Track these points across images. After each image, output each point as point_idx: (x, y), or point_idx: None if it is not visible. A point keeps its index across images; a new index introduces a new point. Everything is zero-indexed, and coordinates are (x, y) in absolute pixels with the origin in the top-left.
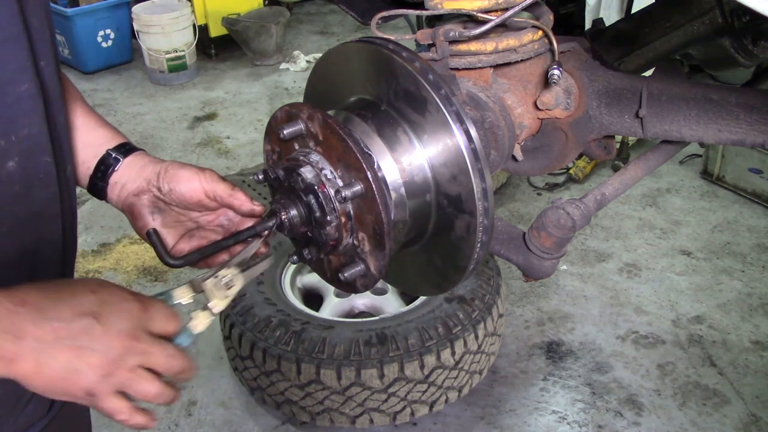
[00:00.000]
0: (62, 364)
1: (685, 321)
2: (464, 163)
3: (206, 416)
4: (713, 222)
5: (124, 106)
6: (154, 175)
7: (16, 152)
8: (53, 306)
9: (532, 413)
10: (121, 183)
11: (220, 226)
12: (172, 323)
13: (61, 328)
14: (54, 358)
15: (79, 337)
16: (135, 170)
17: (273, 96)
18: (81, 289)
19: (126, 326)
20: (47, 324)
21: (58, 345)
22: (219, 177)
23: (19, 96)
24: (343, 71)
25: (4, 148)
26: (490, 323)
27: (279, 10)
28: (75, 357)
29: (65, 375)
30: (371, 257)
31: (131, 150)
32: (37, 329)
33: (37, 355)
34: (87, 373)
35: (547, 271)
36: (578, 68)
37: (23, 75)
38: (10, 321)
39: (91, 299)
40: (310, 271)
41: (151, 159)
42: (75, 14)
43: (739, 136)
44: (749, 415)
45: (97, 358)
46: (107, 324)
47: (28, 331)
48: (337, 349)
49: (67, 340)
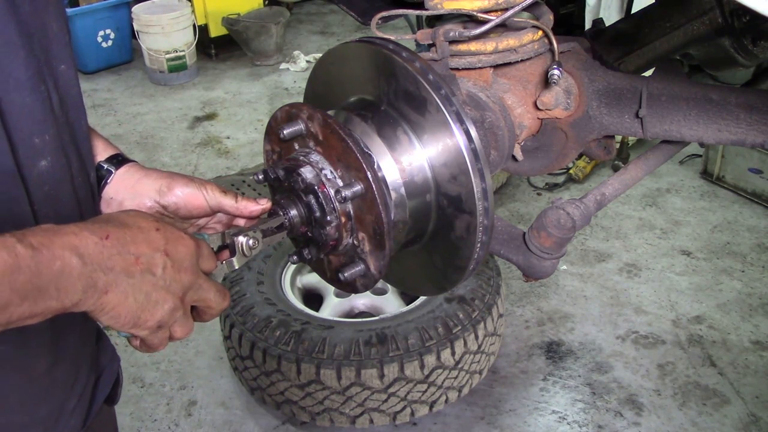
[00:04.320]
0: (144, 296)
1: (685, 321)
2: (464, 163)
3: (206, 416)
4: (713, 222)
5: (124, 106)
6: (155, 192)
7: (49, 151)
8: (132, 241)
9: (532, 413)
10: (118, 200)
11: (218, 223)
12: (213, 262)
13: (142, 261)
14: (139, 290)
15: (156, 270)
16: (130, 184)
17: (273, 96)
18: (146, 225)
19: (188, 263)
20: (131, 257)
21: (142, 277)
22: (221, 190)
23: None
24: (343, 71)
25: (39, 147)
26: (490, 323)
27: (279, 10)
28: (154, 289)
29: (145, 306)
30: (371, 257)
31: (123, 161)
32: (124, 262)
33: (125, 287)
34: (163, 305)
35: (547, 271)
36: (578, 68)
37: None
38: (99, 253)
39: (158, 236)
40: (310, 271)
41: (146, 172)
42: (75, 14)
43: (739, 136)
44: (749, 415)
45: (172, 291)
46: (175, 259)
47: (117, 263)
48: (337, 349)
49: (147, 274)
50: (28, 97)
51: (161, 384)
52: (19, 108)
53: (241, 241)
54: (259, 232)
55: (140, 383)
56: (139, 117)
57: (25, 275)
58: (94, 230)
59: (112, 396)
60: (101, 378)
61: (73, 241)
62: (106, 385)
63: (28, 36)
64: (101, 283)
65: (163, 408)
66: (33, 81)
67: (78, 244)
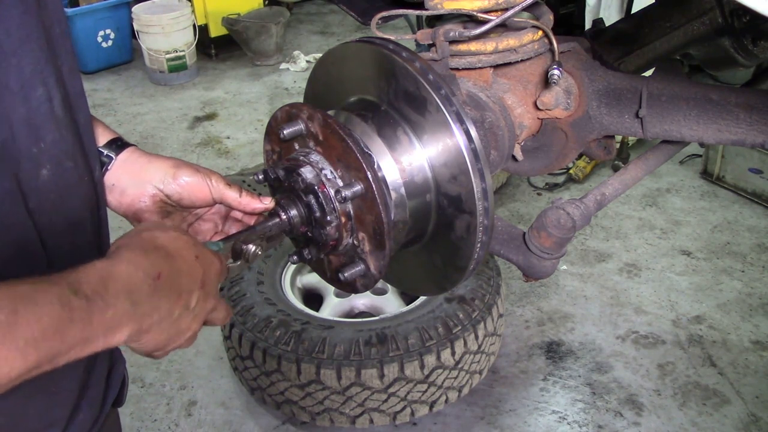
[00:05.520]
0: (176, 330)
1: (685, 321)
2: (464, 163)
3: (206, 416)
4: (713, 222)
5: (124, 106)
6: (159, 180)
7: (47, 159)
8: (178, 278)
9: (532, 413)
10: (120, 187)
11: (216, 213)
12: (224, 276)
13: (184, 298)
14: (174, 326)
15: (192, 304)
16: (132, 171)
17: (273, 96)
18: (187, 253)
19: (214, 289)
20: (175, 296)
21: (180, 315)
22: (226, 182)
23: (40, 100)
24: (343, 71)
25: (36, 156)
26: (490, 323)
27: (279, 10)
28: (185, 322)
29: (174, 336)
30: (371, 257)
31: (123, 146)
32: (169, 302)
33: (165, 325)
34: (186, 334)
35: (547, 271)
36: (578, 68)
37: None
38: (150, 297)
39: (198, 266)
40: (310, 271)
41: (148, 158)
42: (75, 14)
43: (739, 136)
44: (749, 415)
45: (195, 323)
46: (207, 289)
47: (163, 304)
48: (337, 349)
49: (185, 310)
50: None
51: (161, 384)
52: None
53: (249, 249)
54: (264, 240)
55: (140, 383)
56: (139, 117)
57: (76, 327)
58: (147, 270)
59: (119, 398)
60: (111, 381)
61: (128, 285)
62: (114, 387)
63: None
64: (146, 326)
65: (163, 408)
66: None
67: (132, 289)
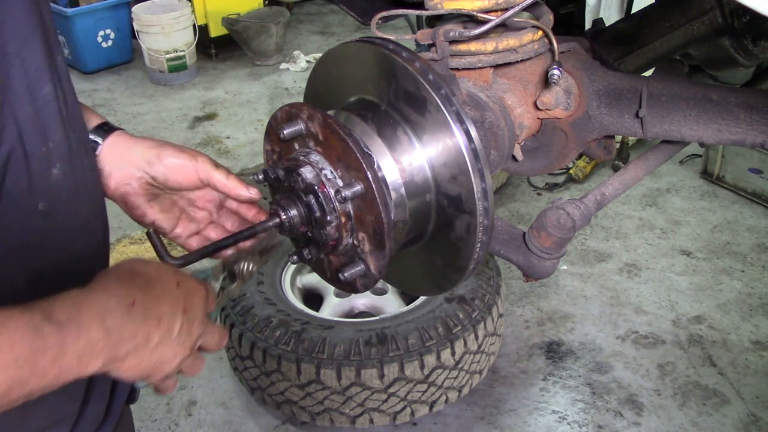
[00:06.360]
0: (159, 357)
1: (685, 321)
2: (464, 163)
3: (206, 416)
4: (713, 222)
5: (124, 106)
6: (144, 162)
7: (57, 158)
8: (155, 304)
9: (532, 413)
10: (107, 171)
11: (210, 201)
12: (214, 303)
13: (162, 326)
14: (156, 352)
15: (174, 330)
16: (118, 154)
17: (273, 96)
18: (168, 280)
19: (200, 315)
20: (153, 322)
21: (160, 341)
22: (213, 164)
23: (46, 99)
24: (343, 71)
25: (46, 155)
26: (490, 323)
27: (279, 10)
28: (170, 348)
29: (159, 364)
30: (371, 257)
31: (109, 130)
32: (146, 328)
33: (144, 352)
34: (174, 359)
35: (547, 271)
36: (578, 68)
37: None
38: (125, 324)
39: (179, 293)
40: (310, 271)
41: (135, 141)
42: (75, 14)
43: (739, 136)
44: (749, 415)
45: (182, 348)
46: (191, 315)
47: (139, 331)
48: (337, 349)
49: (166, 337)
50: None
51: None
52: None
53: (242, 268)
54: (257, 255)
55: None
56: (139, 117)
57: (49, 356)
58: (122, 296)
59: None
60: None
61: (101, 312)
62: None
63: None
64: (122, 353)
65: (163, 408)
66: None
67: (105, 315)
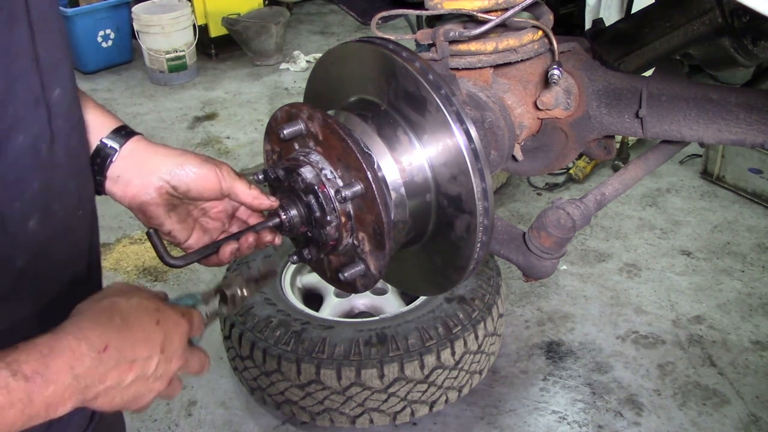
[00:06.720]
0: (132, 395)
1: (685, 321)
2: (464, 163)
3: (206, 416)
4: (713, 222)
5: (124, 106)
6: (166, 171)
7: (33, 208)
8: (130, 347)
9: (532, 413)
10: (125, 179)
11: (223, 212)
12: (200, 330)
13: (137, 367)
14: (128, 392)
15: (149, 370)
16: (137, 162)
17: (273, 96)
18: (147, 321)
19: (180, 351)
20: (125, 365)
21: (134, 381)
22: (235, 174)
23: (20, 149)
24: (343, 71)
25: (20, 209)
26: (490, 323)
27: (279, 10)
28: (144, 385)
29: (131, 402)
30: (371, 257)
31: (128, 135)
32: (118, 372)
33: (115, 392)
34: (149, 396)
35: (547, 271)
36: (578, 68)
37: (26, 122)
38: (95, 369)
39: (158, 332)
40: (310, 271)
41: (154, 148)
42: (75, 14)
43: (739, 136)
44: (749, 415)
45: (158, 384)
46: (168, 353)
47: (111, 375)
48: (337, 349)
49: (141, 377)
50: None
51: None
52: None
53: (235, 293)
54: (252, 282)
55: None
56: (139, 117)
57: (16, 409)
58: (92, 343)
59: None
60: None
61: (70, 360)
62: None
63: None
64: (91, 395)
65: (163, 408)
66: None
67: (74, 364)
